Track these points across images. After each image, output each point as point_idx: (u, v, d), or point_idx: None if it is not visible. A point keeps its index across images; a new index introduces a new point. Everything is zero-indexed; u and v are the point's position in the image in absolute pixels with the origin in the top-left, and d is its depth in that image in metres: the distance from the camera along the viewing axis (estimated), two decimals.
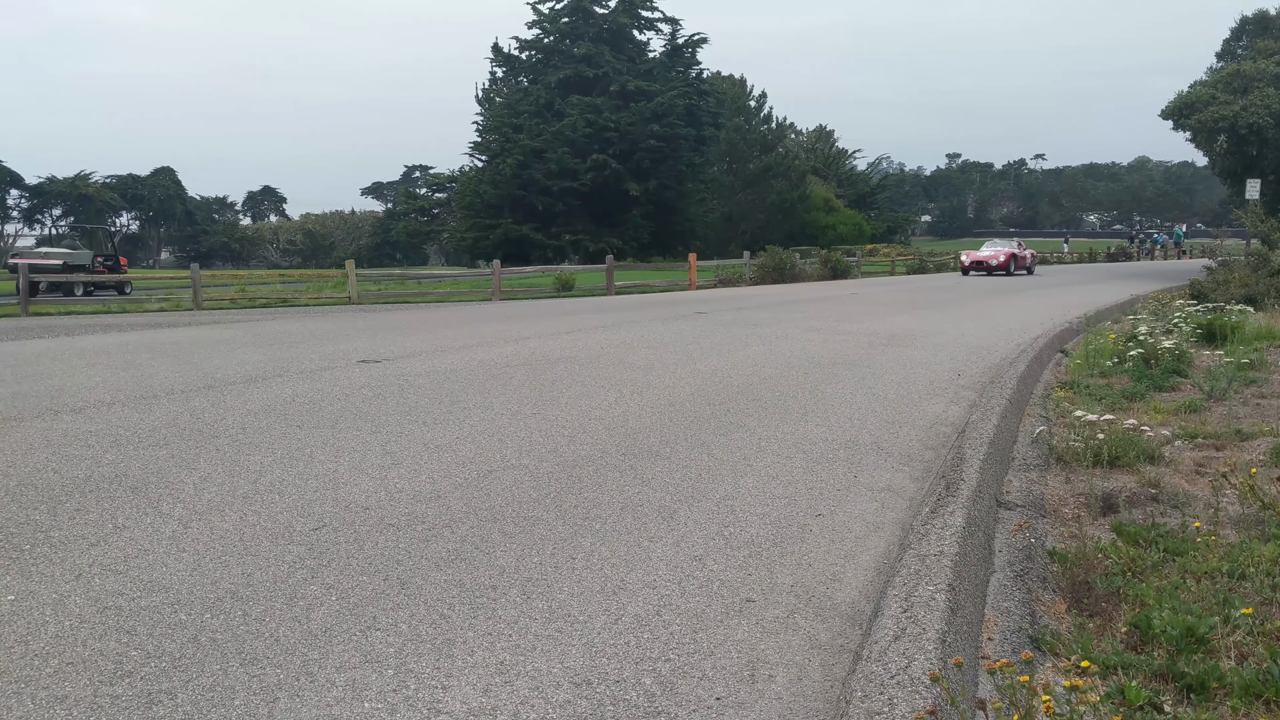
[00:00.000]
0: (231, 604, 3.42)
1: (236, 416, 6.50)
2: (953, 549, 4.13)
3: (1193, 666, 3.19)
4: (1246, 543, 4.44)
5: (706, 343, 11.29)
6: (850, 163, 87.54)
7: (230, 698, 2.78)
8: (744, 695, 2.92)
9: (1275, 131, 36.11)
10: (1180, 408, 7.91)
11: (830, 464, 5.77)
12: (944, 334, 13.31)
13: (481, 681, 2.92)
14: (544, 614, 3.43)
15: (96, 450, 5.47)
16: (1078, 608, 3.89)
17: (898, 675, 2.95)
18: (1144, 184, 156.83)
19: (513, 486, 5.00)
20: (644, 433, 6.38)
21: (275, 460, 5.36)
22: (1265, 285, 17.83)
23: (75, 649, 3.04)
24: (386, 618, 3.35)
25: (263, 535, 4.14)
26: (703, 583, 3.79)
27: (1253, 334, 12.28)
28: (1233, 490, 5.01)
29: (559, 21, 61.20)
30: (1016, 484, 5.84)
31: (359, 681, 2.90)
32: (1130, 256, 67.56)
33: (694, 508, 4.77)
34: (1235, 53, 44.73)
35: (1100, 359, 10.51)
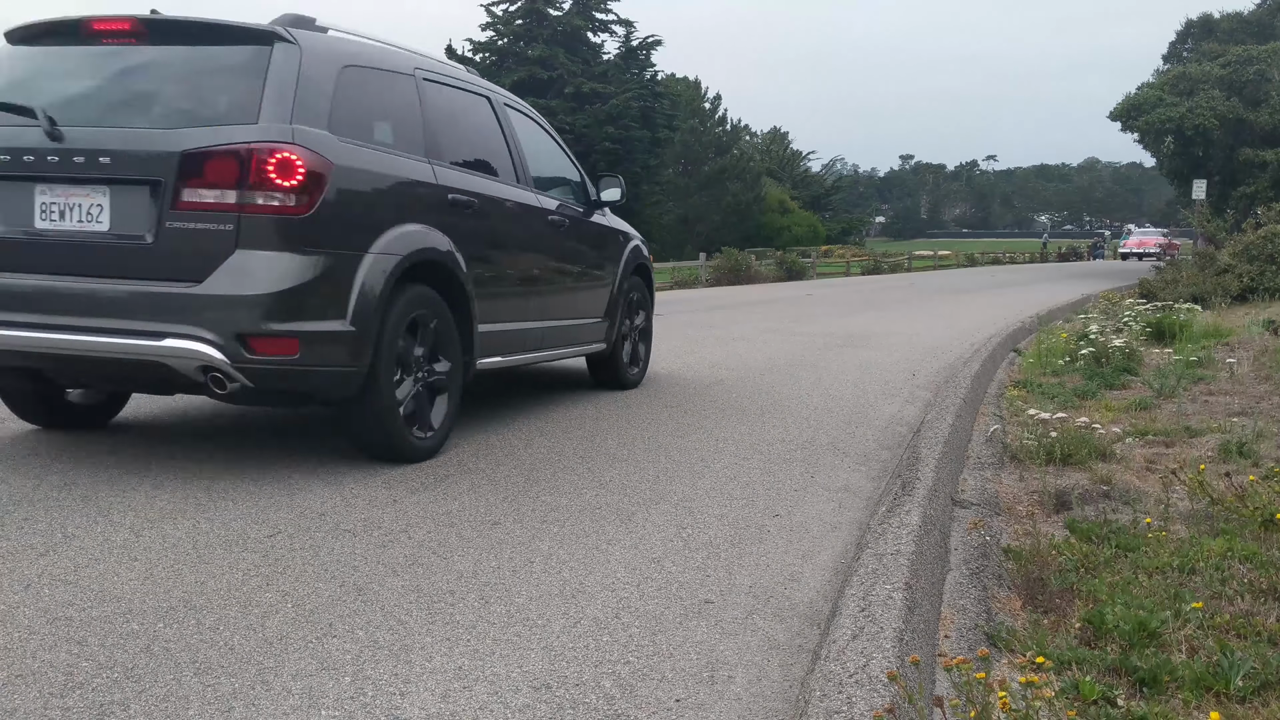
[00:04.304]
0: (185, 613, 3.37)
1: (189, 421, 6.42)
2: (909, 548, 4.16)
3: (1145, 661, 3.23)
4: (1196, 538, 4.51)
5: (663, 345, 11.29)
6: (805, 164, 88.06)
7: (184, 708, 2.75)
8: (703, 697, 2.92)
9: (1220, 133, 36.79)
10: (1131, 405, 8.02)
11: (788, 464, 5.79)
12: (899, 334, 13.42)
13: (440, 687, 2.90)
14: (502, 618, 3.41)
15: (44, 459, 5.38)
16: (1032, 604, 3.93)
17: (856, 674, 2.97)
18: (1094, 184, 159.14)
19: (469, 490, 4.98)
20: (601, 435, 6.37)
21: (228, 466, 5.30)
22: (1212, 284, 18.16)
23: (24, 661, 2.99)
24: (343, 624, 3.32)
25: (216, 543, 4.09)
26: (661, 584, 3.80)
27: (1200, 332, 12.49)
28: (1182, 486, 5.10)
29: (513, 23, 60.98)
30: (971, 482, 5.89)
31: (316, 689, 2.87)
32: (1080, 256, 68.53)
33: (652, 510, 4.77)
34: (1181, 55, 45.54)
35: (1052, 358, 10.64)
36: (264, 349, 4.67)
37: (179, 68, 5.12)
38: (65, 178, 4.81)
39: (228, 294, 4.63)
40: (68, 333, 4.71)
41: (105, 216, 4.79)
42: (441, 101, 6.12)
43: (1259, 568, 4.05)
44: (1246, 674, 3.10)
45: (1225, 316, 15.14)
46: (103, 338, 4.69)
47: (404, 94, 5.77)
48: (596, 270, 7.79)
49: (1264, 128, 36.90)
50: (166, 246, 4.72)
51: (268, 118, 4.75)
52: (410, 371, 5.38)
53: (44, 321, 4.73)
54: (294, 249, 4.74)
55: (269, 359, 4.71)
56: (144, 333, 4.65)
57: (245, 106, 4.82)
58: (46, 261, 4.88)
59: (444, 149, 5.92)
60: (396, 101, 5.71)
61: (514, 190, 6.63)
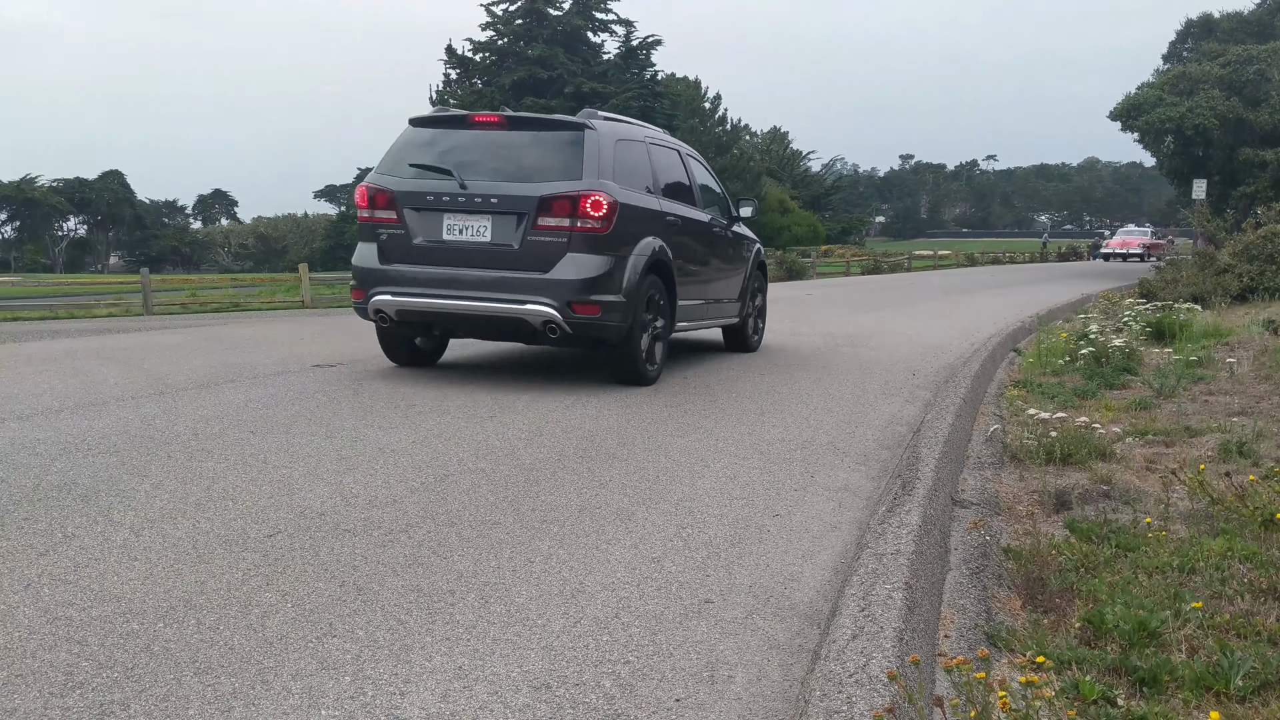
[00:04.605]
0: (185, 612, 3.37)
1: (188, 423, 6.42)
2: (909, 548, 4.16)
3: (1145, 660, 3.23)
4: (1196, 537, 4.51)
5: None
6: (805, 164, 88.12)
7: (184, 707, 2.74)
8: (703, 696, 2.92)
9: (1220, 133, 36.78)
10: (1131, 405, 8.02)
11: (787, 464, 5.79)
12: (899, 334, 13.42)
13: (440, 686, 2.90)
14: (502, 618, 3.41)
15: (44, 458, 5.38)
16: (1032, 604, 3.93)
17: (856, 674, 2.97)
18: (1093, 184, 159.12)
19: (470, 490, 4.98)
20: (601, 435, 6.37)
21: (228, 466, 5.30)
22: (1212, 284, 18.15)
23: (25, 661, 2.99)
24: (343, 624, 3.32)
25: (216, 542, 4.09)
26: (661, 584, 3.80)
27: (1200, 332, 12.49)
28: (1182, 486, 5.10)
29: (513, 23, 60.99)
30: (971, 482, 5.89)
31: (316, 689, 2.87)
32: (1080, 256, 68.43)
33: (652, 509, 4.77)
34: (1181, 55, 45.52)
35: (1052, 357, 10.65)
36: (581, 311, 7.70)
37: (529, 144, 8.31)
38: (463, 210, 7.91)
39: (563, 279, 7.68)
40: (465, 301, 7.85)
41: (488, 233, 7.87)
42: (658, 156, 9.34)
43: (1259, 567, 4.05)
44: (1246, 674, 3.10)
45: (1225, 316, 15.13)
46: (488, 304, 7.81)
47: (641, 154, 8.94)
48: (735, 265, 10.79)
49: (1264, 127, 36.91)
50: (527, 251, 7.76)
51: (587, 175, 7.80)
52: (646, 329, 8.31)
53: (449, 294, 7.88)
54: (599, 252, 7.78)
55: (583, 317, 7.72)
56: (513, 301, 7.74)
57: (572, 168, 7.89)
58: (449, 259, 7.95)
59: (661, 187, 9.07)
60: (639, 159, 8.83)
61: (694, 211, 9.72)
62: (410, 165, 8.22)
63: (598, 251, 7.76)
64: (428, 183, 8.09)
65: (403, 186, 8.13)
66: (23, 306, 23.55)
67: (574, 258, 7.70)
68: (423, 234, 8.04)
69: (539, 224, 7.72)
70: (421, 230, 8.05)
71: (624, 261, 7.95)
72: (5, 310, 21.71)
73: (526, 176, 7.93)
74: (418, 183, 8.12)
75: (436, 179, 8.07)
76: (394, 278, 8.05)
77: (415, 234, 8.06)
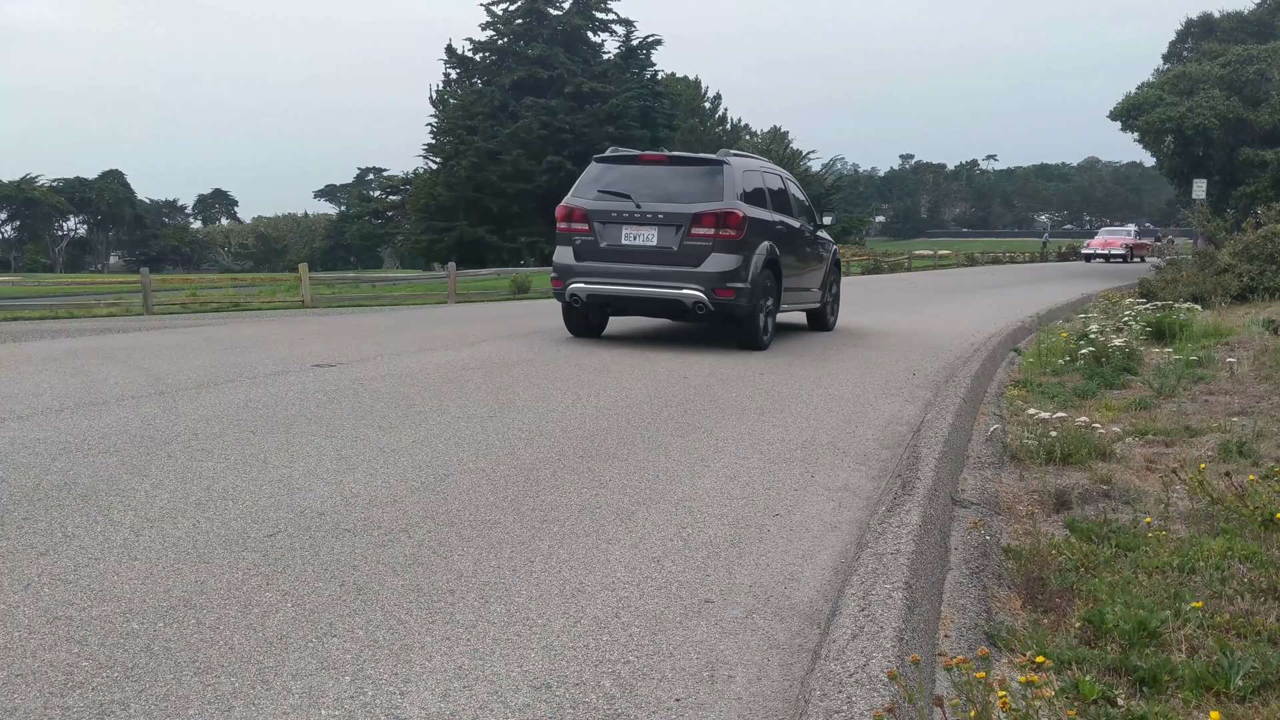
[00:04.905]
0: (185, 612, 3.37)
1: (189, 422, 6.42)
2: (909, 547, 4.16)
3: (1145, 660, 3.23)
4: (1196, 537, 4.51)
5: (662, 344, 11.31)
6: (805, 164, 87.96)
7: (184, 707, 2.75)
8: (703, 696, 2.92)
9: (1220, 132, 36.76)
10: (1131, 405, 8.02)
11: (787, 464, 5.79)
12: (899, 333, 13.43)
13: (440, 686, 2.90)
14: (502, 617, 3.41)
15: (44, 458, 5.38)
16: (1032, 604, 3.93)
17: (856, 674, 2.97)
18: (1094, 184, 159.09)
19: (470, 490, 4.98)
20: (601, 434, 6.37)
21: (229, 466, 5.30)
22: (1212, 284, 18.16)
23: (25, 660, 2.99)
24: (343, 624, 3.32)
25: (216, 542, 4.09)
26: (661, 584, 3.80)
27: (1200, 332, 12.49)
28: (1182, 486, 5.10)
29: (513, 23, 60.93)
30: (971, 482, 5.89)
31: (316, 688, 2.87)
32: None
33: (652, 509, 4.77)
34: (1181, 55, 45.49)
35: (1052, 357, 10.65)
36: (721, 294, 10.45)
37: (683, 175, 11.16)
38: (637, 222, 10.76)
39: (709, 271, 10.46)
40: (638, 287, 10.70)
41: (654, 239, 10.68)
42: (769, 180, 12.32)
43: (1259, 567, 4.05)
44: (1246, 673, 3.10)
45: (1225, 316, 15.14)
46: (655, 289, 10.64)
47: (758, 180, 11.83)
48: (819, 262, 13.59)
49: (1264, 127, 36.89)
50: (683, 251, 10.56)
51: (726, 197, 10.60)
52: (762, 309, 11.06)
53: (626, 283, 10.72)
54: (733, 252, 10.53)
55: (722, 299, 10.47)
56: (673, 287, 10.55)
57: (714, 193, 10.73)
58: (626, 258, 10.76)
59: (770, 202, 11.81)
60: (757, 183, 11.71)
61: (792, 220, 12.50)
62: (599, 191, 11.10)
63: (733, 252, 10.55)
64: (611, 203, 10.94)
65: (593, 205, 11.01)
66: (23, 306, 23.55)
67: (716, 256, 10.50)
68: (607, 240, 10.89)
69: (692, 232, 10.55)
70: (606, 237, 10.90)
71: (749, 259, 10.69)
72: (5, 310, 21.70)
73: (682, 198, 10.75)
74: (603, 203, 10.98)
75: (618, 200, 10.93)
76: (586, 271, 10.94)
77: (601, 240, 10.91)
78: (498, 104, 58.59)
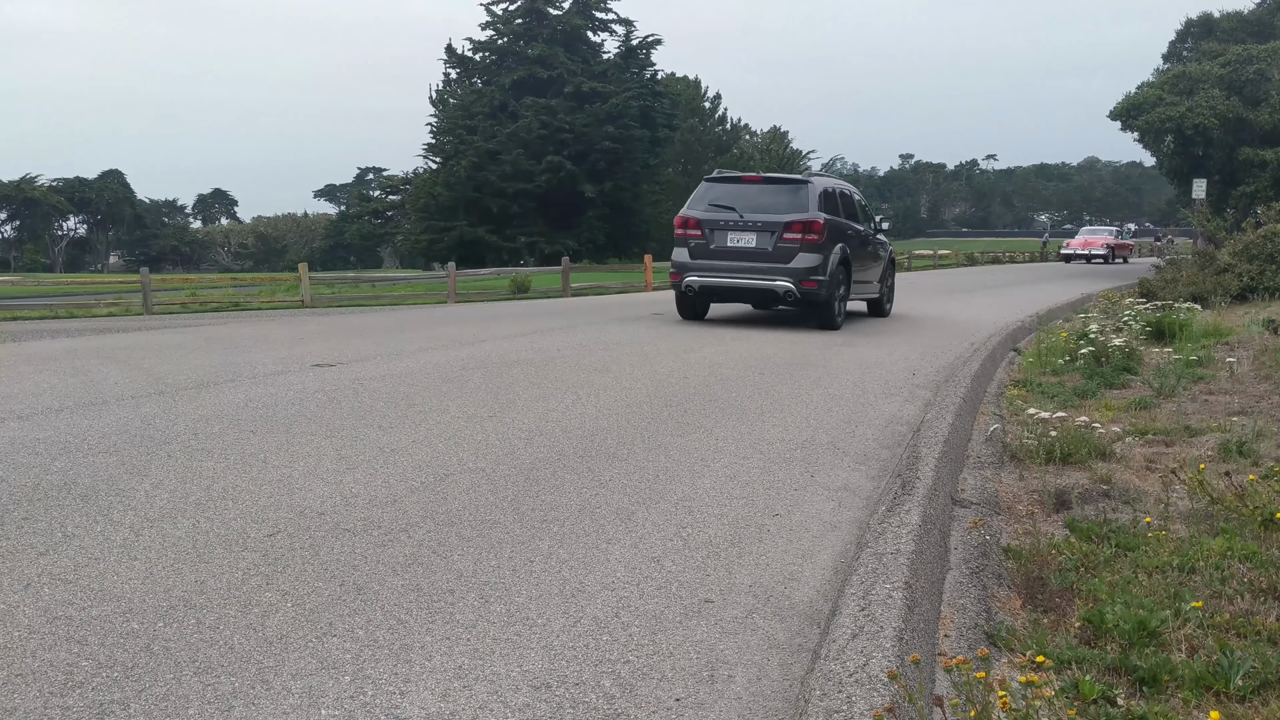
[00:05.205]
0: (185, 612, 3.37)
1: (188, 422, 6.42)
2: (909, 547, 4.16)
3: (1145, 660, 3.23)
4: (1196, 537, 4.51)
5: (663, 344, 11.32)
6: (805, 164, 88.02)
7: (184, 707, 2.75)
8: (703, 696, 2.92)
9: (1220, 132, 36.76)
10: (1131, 405, 8.02)
11: (787, 464, 5.79)
12: (899, 333, 13.42)
13: (440, 686, 2.90)
14: (502, 617, 3.41)
15: (44, 458, 5.38)
16: (1032, 604, 3.93)
17: (856, 673, 2.97)
18: (1093, 184, 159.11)
19: (470, 490, 4.98)
20: (601, 435, 6.37)
21: (228, 466, 5.30)
22: (1212, 283, 18.15)
23: (24, 660, 2.99)
24: (343, 623, 3.32)
25: (216, 542, 4.09)
26: (661, 584, 3.80)
27: (1200, 331, 12.49)
28: (1182, 485, 5.10)
29: (513, 23, 61.00)
30: (971, 482, 5.89)
31: (316, 688, 2.87)
32: None
33: (652, 509, 4.77)
34: (1181, 55, 45.50)
35: (1052, 357, 10.65)
36: (806, 285, 12.94)
37: (775, 191, 13.72)
38: (740, 229, 13.39)
39: (797, 267, 12.95)
40: (740, 280, 13.38)
41: (754, 242, 13.28)
42: (842, 192, 14.88)
43: (1259, 567, 4.05)
44: (1246, 673, 3.10)
45: (1225, 316, 15.14)
46: (754, 281, 13.30)
47: (835, 193, 14.31)
48: (878, 260, 16.09)
49: (1264, 127, 36.89)
50: (776, 252, 13.10)
51: (810, 209, 13.10)
52: (837, 297, 13.51)
53: (731, 276, 13.41)
54: (816, 252, 12.99)
55: (807, 289, 12.96)
56: (768, 279, 13.13)
57: (800, 205, 13.22)
58: (731, 257, 13.37)
59: (842, 211, 14.31)
60: (833, 195, 14.12)
61: (858, 225, 15.03)
62: (709, 204, 13.86)
63: (815, 252, 13.13)
64: (719, 214, 13.69)
65: (704, 215, 13.77)
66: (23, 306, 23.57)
67: (802, 255, 13.11)
68: (715, 243, 13.59)
69: (784, 237, 13.19)
70: (715, 240, 13.60)
71: (828, 257, 13.28)
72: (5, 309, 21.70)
73: (774, 210, 13.43)
74: (713, 213, 13.73)
75: (725, 211, 13.68)
76: (698, 267, 13.69)
77: (711, 242, 13.62)
78: (498, 104, 58.63)
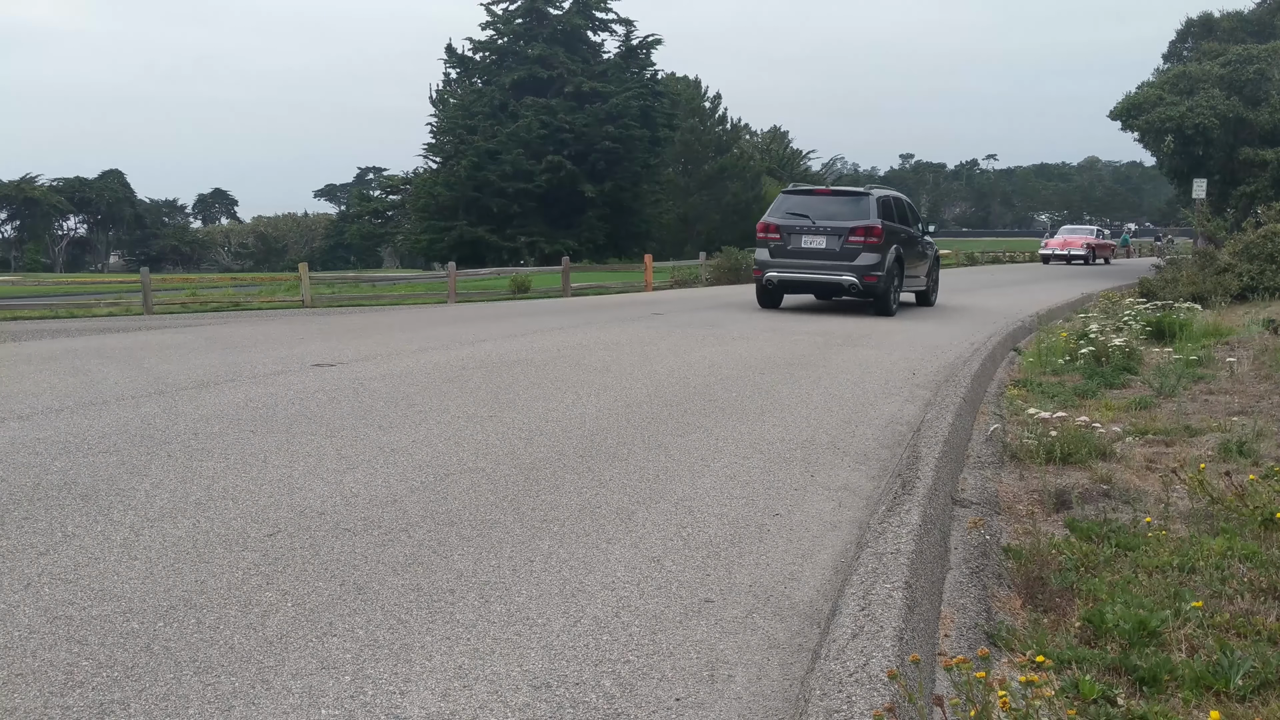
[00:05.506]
0: (185, 612, 3.38)
1: (189, 422, 6.43)
2: (909, 547, 4.16)
3: (1145, 660, 3.23)
4: (1196, 537, 4.51)
5: (663, 344, 11.31)
6: (805, 163, 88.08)
7: (184, 707, 2.75)
8: (704, 695, 2.92)
9: (1220, 132, 36.72)
10: (1131, 404, 8.02)
11: (787, 464, 5.79)
12: (899, 333, 13.42)
13: (440, 686, 2.90)
14: (502, 617, 3.41)
15: (44, 458, 5.38)
16: (1032, 603, 3.93)
17: (856, 673, 2.97)
18: (1093, 184, 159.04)
19: (470, 490, 4.98)
20: (601, 434, 6.37)
21: (229, 466, 5.30)
22: (1212, 283, 18.14)
23: (25, 660, 2.99)
24: (343, 623, 3.32)
25: (216, 542, 4.09)
26: (661, 584, 3.80)
27: (1200, 331, 12.48)
28: (1183, 485, 5.10)
29: (513, 22, 60.94)
30: (971, 482, 5.89)
31: (316, 688, 2.87)
32: None
33: (652, 509, 4.77)
34: (1181, 54, 45.49)
35: (1052, 357, 10.64)
36: (868, 279, 15.89)
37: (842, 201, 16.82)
38: (812, 232, 16.42)
39: (860, 264, 15.94)
40: (813, 275, 16.43)
41: (824, 243, 16.28)
42: (896, 200, 17.84)
43: (1259, 567, 4.05)
44: (1246, 673, 3.10)
45: (1225, 315, 15.13)
46: (824, 276, 16.32)
47: (890, 202, 17.32)
48: (925, 258, 18.85)
49: (1264, 127, 36.87)
50: (843, 251, 16.10)
51: (870, 216, 16.28)
52: (892, 289, 16.40)
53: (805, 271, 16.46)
54: (876, 252, 15.98)
55: (869, 283, 15.90)
56: (836, 274, 16.12)
57: (863, 213, 16.27)
58: (804, 255, 16.44)
59: (895, 217, 17.05)
60: (889, 203, 17.13)
61: (908, 228, 17.61)
62: (786, 212, 16.81)
63: (875, 251, 15.94)
64: (795, 220, 16.60)
65: (782, 221, 16.71)
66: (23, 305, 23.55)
67: (864, 254, 15.91)
68: (791, 244, 16.52)
69: (849, 239, 16.01)
70: (791, 242, 16.53)
71: (885, 255, 16.04)
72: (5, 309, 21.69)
73: (841, 217, 16.31)
74: (789, 220, 16.66)
75: (799, 219, 16.58)
76: (777, 265, 16.61)
77: (788, 244, 16.55)
78: (498, 103, 58.58)
